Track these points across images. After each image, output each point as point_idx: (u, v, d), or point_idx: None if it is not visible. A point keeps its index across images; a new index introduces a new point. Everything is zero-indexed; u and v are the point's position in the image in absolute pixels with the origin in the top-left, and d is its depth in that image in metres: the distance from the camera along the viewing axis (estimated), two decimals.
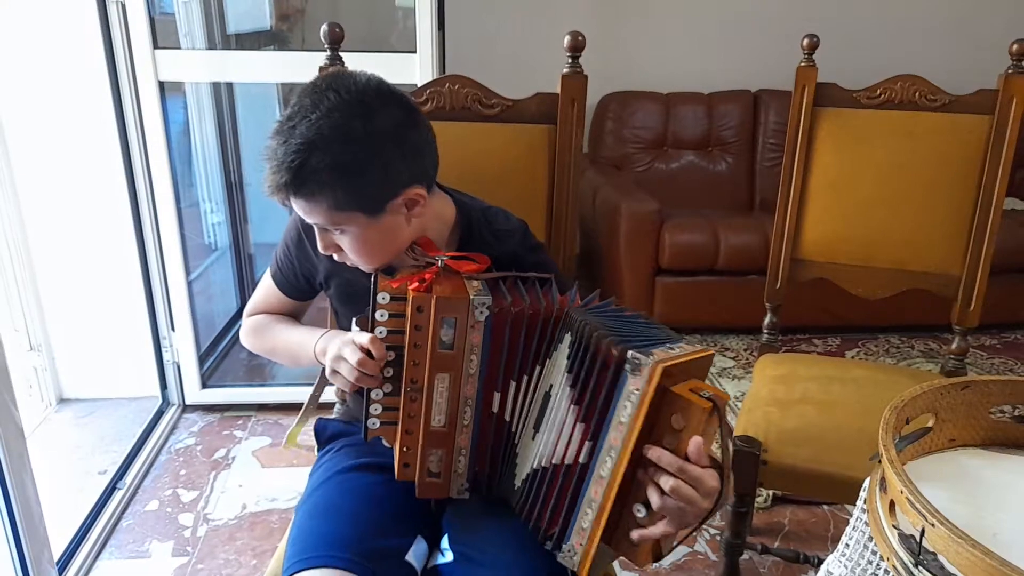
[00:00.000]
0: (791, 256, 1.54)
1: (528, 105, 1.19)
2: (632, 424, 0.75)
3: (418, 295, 0.82)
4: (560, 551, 0.83)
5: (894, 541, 0.66)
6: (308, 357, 1.00)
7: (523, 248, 1.01)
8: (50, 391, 2.12)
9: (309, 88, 0.85)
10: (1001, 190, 1.40)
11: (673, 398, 0.74)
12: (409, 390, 0.85)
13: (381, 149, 0.85)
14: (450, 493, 0.90)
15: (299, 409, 1.02)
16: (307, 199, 0.85)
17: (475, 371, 0.85)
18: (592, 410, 0.79)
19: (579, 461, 0.80)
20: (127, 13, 1.82)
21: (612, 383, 0.77)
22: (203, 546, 1.65)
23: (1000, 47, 1.46)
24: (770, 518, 1.76)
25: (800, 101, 1.47)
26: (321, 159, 0.82)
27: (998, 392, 0.82)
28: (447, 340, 0.83)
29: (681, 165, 3.05)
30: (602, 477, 0.78)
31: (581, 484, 0.80)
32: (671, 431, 0.75)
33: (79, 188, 1.97)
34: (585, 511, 0.80)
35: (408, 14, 1.97)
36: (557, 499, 0.83)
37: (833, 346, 2.69)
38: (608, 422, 0.78)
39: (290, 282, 1.09)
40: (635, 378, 0.75)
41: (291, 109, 0.84)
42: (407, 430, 0.87)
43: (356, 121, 0.83)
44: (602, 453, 0.78)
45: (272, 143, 0.84)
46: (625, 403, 0.76)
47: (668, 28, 3.10)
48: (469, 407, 0.86)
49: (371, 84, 0.86)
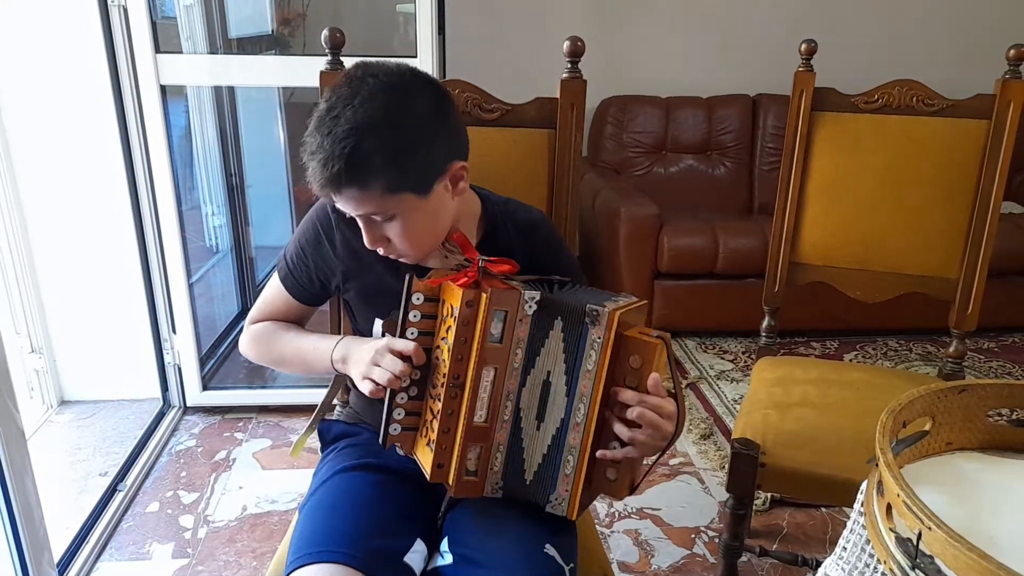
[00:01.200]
0: (789, 259, 1.55)
1: (528, 109, 1.20)
2: (598, 371, 0.84)
3: (468, 290, 0.84)
4: (549, 502, 0.88)
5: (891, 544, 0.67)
6: (324, 364, 0.99)
7: (550, 242, 1.05)
8: (51, 393, 2.13)
9: (344, 79, 0.85)
10: (998, 194, 1.41)
11: (629, 341, 0.84)
12: (451, 386, 0.86)
13: (426, 127, 0.86)
14: (484, 492, 0.90)
15: (300, 411, 1.02)
16: (361, 187, 0.84)
17: (519, 365, 0.87)
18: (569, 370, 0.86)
19: (560, 417, 0.86)
20: (129, 17, 1.83)
21: (577, 337, 0.85)
22: (203, 548, 1.65)
23: (997, 52, 1.47)
24: (768, 520, 1.77)
25: (798, 106, 1.48)
26: (372, 143, 0.82)
27: (995, 395, 0.83)
28: (496, 333, 0.85)
29: (680, 169, 3.06)
30: (578, 423, 0.86)
31: (560, 435, 0.86)
32: (631, 371, 0.85)
33: (81, 191, 1.97)
34: (567, 459, 0.87)
35: (408, 19, 1.98)
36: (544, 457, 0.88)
37: (831, 349, 2.70)
38: (577, 372, 0.85)
39: (302, 285, 1.06)
40: (595, 328, 0.84)
41: (329, 101, 0.84)
42: (444, 429, 0.87)
43: (399, 102, 0.84)
44: (575, 402, 0.86)
45: (315, 138, 0.84)
46: (590, 352, 0.84)
47: (667, 33, 3.12)
48: (510, 402, 0.88)
49: (404, 68, 0.88)
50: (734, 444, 1.27)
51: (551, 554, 0.89)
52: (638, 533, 1.72)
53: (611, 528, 1.74)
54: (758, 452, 1.25)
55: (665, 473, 1.95)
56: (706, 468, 1.98)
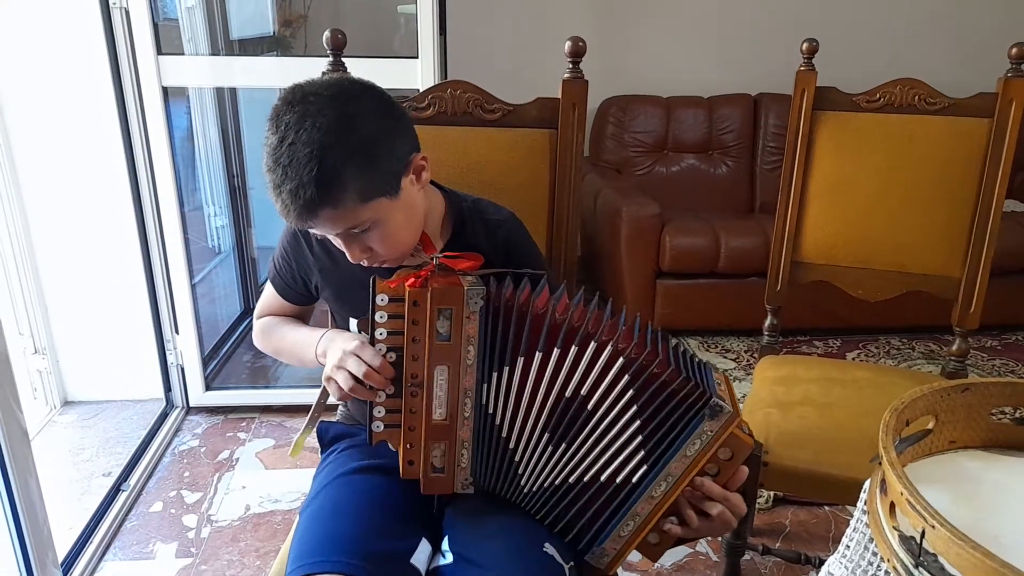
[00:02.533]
0: (791, 258, 1.55)
1: (529, 110, 1.20)
2: (697, 459, 0.83)
3: (414, 290, 0.84)
4: (591, 552, 0.89)
5: (895, 543, 0.67)
6: (310, 359, 1.01)
7: (516, 238, 1.03)
8: (54, 394, 2.13)
9: (284, 107, 0.83)
10: (1001, 192, 1.41)
11: (730, 436, 0.83)
12: (410, 386, 0.87)
13: (381, 127, 0.86)
14: (454, 488, 0.91)
15: (302, 411, 1.03)
16: (335, 204, 0.83)
17: (472, 362, 0.87)
18: (656, 439, 0.84)
19: (631, 481, 0.86)
20: (131, 19, 1.83)
21: (687, 421, 0.83)
22: (207, 547, 1.65)
23: (999, 50, 1.46)
24: (771, 519, 1.77)
25: (800, 105, 1.48)
26: (337, 158, 0.81)
27: (998, 394, 0.82)
28: (444, 332, 0.85)
29: (682, 168, 3.06)
30: (653, 497, 0.85)
31: (628, 499, 0.86)
32: (716, 460, 0.84)
33: (83, 192, 1.98)
34: (627, 522, 0.87)
35: (410, 20, 1.98)
36: (598, 509, 0.88)
37: (834, 348, 2.69)
38: (672, 452, 0.84)
39: (289, 286, 1.09)
40: (712, 422, 0.82)
41: (278, 132, 0.82)
42: (410, 427, 0.88)
43: (349, 111, 0.83)
44: (658, 477, 0.85)
45: (276, 172, 0.82)
46: (695, 440, 0.83)
47: (668, 32, 3.11)
48: (469, 398, 0.88)
49: (338, 78, 0.88)
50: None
51: (550, 553, 0.89)
52: None
53: None
54: (761, 451, 1.25)
55: None
56: None
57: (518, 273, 0.91)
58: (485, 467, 0.91)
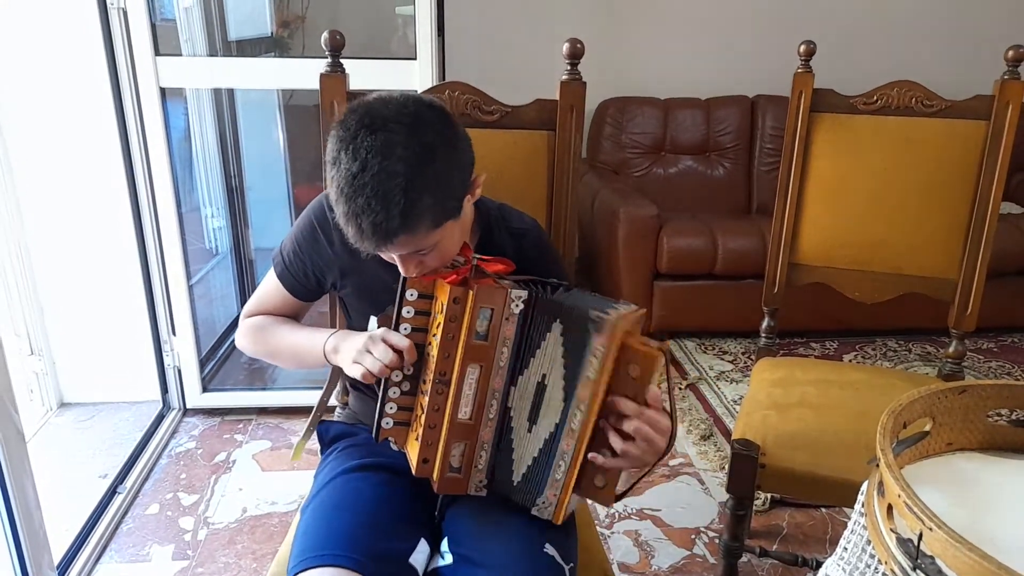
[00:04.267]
0: (789, 260, 1.55)
1: (527, 111, 1.20)
2: (598, 378, 0.83)
3: (455, 287, 0.85)
4: (535, 505, 0.88)
5: (892, 545, 0.67)
6: (316, 357, 1.00)
7: (540, 246, 1.05)
8: (51, 395, 2.12)
9: (359, 132, 0.82)
10: (997, 194, 1.41)
11: (629, 350, 0.83)
12: (437, 382, 0.87)
13: (453, 154, 0.86)
14: (468, 489, 0.91)
15: (300, 413, 1.02)
16: (411, 233, 0.83)
17: (505, 364, 0.87)
18: (568, 375, 0.85)
19: (555, 422, 0.86)
20: (128, 19, 1.83)
21: (579, 342, 0.83)
22: (203, 550, 1.65)
23: (996, 53, 1.47)
24: (768, 521, 1.77)
25: (797, 107, 1.48)
26: (422, 190, 0.81)
27: (995, 396, 0.83)
28: (482, 331, 0.86)
29: (679, 170, 3.07)
30: (572, 430, 0.85)
31: (553, 441, 0.86)
32: (629, 380, 0.83)
33: (80, 193, 1.97)
34: (558, 464, 0.86)
35: (408, 21, 1.98)
36: (536, 463, 0.87)
37: (831, 350, 2.70)
38: (576, 379, 0.84)
39: (299, 281, 1.07)
40: (598, 335, 0.82)
41: (357, 162, 0.81)
42: (430, 424, 0.88)
43: (429, 140, 0.83)
44: (572, 408, 0.85)
45: (354, 204, 0.81)
46: (591, 359, 0.83)
47: (666, 34, 3.12)
48: (496, 400, 0.88)
49: (412, 100, 0.86)
50: (734, 445, 1.27)
51: (551, 554, 0.89)
52: (638, 534, 1.72)
53: (611, 529, 1.74)
54: (758, 453, 1.25)
55: (665, 474, 1.96)
56: (706, 469, 1.98)
57: (544, 282, 0.91)
58: (498, 469, 0.91)
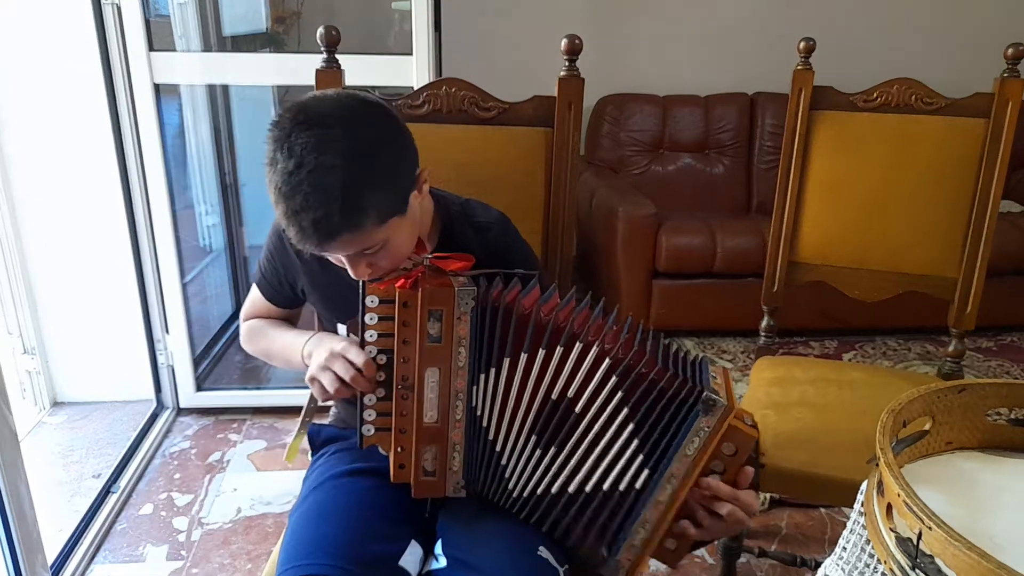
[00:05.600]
0: (788, 259, 1.54)
1: (525, 108, 1.19)
2: (698, 457, 0.82)
3: (404, 291, 0.83)
4: (606, 566, 0.88)
5: (891, 544, 0.66)
6: (298, 361, 1.00)
7: (505, 239, 1.02)
8: (44, 394, 2.11)
9: (293, 128, 0.79)
10: (997, 193, 1.41)
11: (730, 430, 0.81)
12: (400, 388, 0.86)
13: (395, 148, 0.85)
14: (446, 492, 0.90)
15: (294, 413, 1.02)
16: (353, 231, 0.81)
17: (464, 363, 0.86)
18: (653, 441, 0.83)
19: (634, 487, 0.84)
20: (122, 15, 1.82)
21: (681, 419, 0.81)
22: (198, 550, 1.64)
23: (995, 51, 1.46)
24: (767, 521, 1.76)
25: (797, 104, 1.48)
26: (362, 184, 0.79)
27: (994, 395, 0.82)
28: (435, 333, 0.84)
29: (678, 167, 3.06)
30: (660, 502, 0.84)
31: (634, 507, 0.85)
32: (721, 456, 0.83)
33: (74, 191, 1.96)
34: (638, 530, 0.85)
35: (405, 16, 1.97)
36: (606, 520, 0.86)
37: (830, 349, 2.69)
38: (671, 453, 0.82)
39: (275, 289, 1.08)
40: (707, 417, 0.80)
41: (292, 160, 0.78)
42: (400, 429, 0.87)
43: (366, 134, 0.81)
44: (662, 481, 0.83)
45: (293, 202, 0.78)
46: (694, 438, 0.81)
47: (665, 31, 3.11)
48: (460, 401, 0.87)
49: (347, 97, 0.84)
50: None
51: (545, 556, 0.88)
52: None
53: None
54: (757, 452, 1.24)
55: None
56: None
57: (509, 273, 0.89)
58: (475, 470, 0.90)
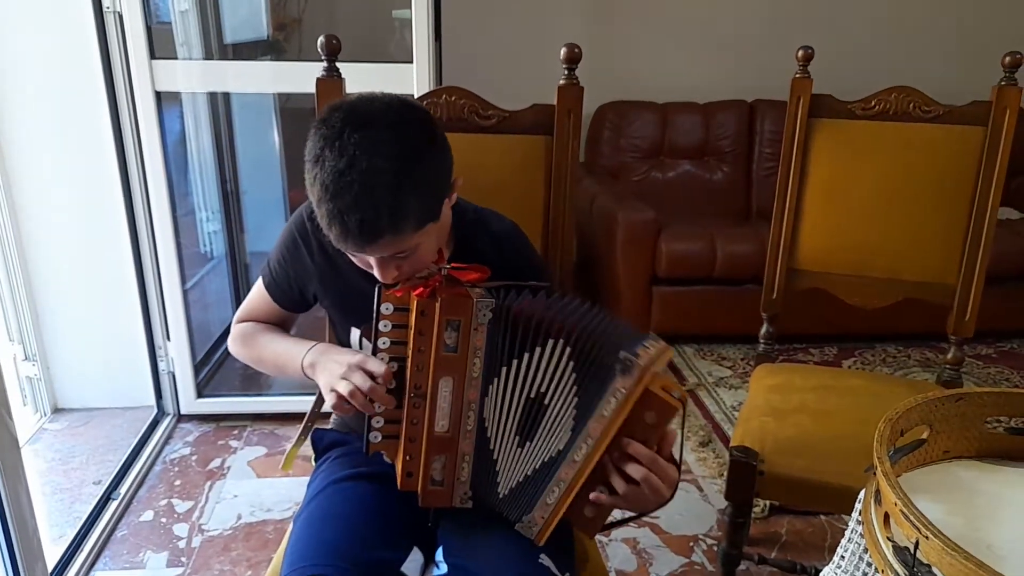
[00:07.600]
0: (787, 266, 1.54)
1: (524, 116, 1.20)
2: (614, 418, 0.82)
3: (422, 300, 0.84)
4: (520, 522, 0.88)
5: (889, 553, 0.66)
6: (295, 369, 0.99)
7: (520, 250, 1.04)
8: (45, 401, 2.11)
9: (344, 129, 0.80)
10: (995, 200, 1.41)
11: (650, 396, 0.81)
12: (412, 396, 0.86)
13: (436, 156, 0.86)
14: (453, 502, 0.90)
15: (295, 419, 1.02)
16: (395, 234, 0.82)
17: (478, 374, 0.86)
18: (579, 404, 0.84)
19: (559, 449, 0.85)
20: (124, 23, 1.83)
21: (600, 380, 0.83)
22: (198, 557, 1.64)
23: (993, 59, 1.47)
24: (767, 528, 1.76)
25: (795, 112, 1.48)
26: (410, 188, 0.81)
27: (992, 404, 0.82)
28: (451, 343, 0.84)
29: (677, 174, 3.06)
30: (575, 461, 0.85)
31: (553, 465, 0.85)
32: (643, 425, 0.82)
33: (75, 197, 1.97)
34: (552, 488, 0.86)
35: (405, 25, 1.97)
36: (529, 482, 0.87)
37: (830, 356, 2.69)
38: (590, 413, 0.83)
39: (283, 291, 1.07)
40: (624, 377, 0.81)
41: (343, 159, 0.79)
42: (410, 437, 0.87)
43: (413, 139, 0.83)
44: (578, 440, 0.84)
45: (341, 201, 0.79)
46: (610, 398, 0.82)
47: (664, 38, 3.12)
48: (472, 411, 0.87)
49: (396, 101, 0.85)
50: (732, 452, 1.27)
51: (546, 564, 0.88)
52: (636, 541, 1.71)
53: (609, 536, 1.72)
54: (756, 460, 1.25)
55: None
56: (704, 476, 1.97)
57: (523, 285, 0.90)
58: (479, 478, 0.90)
